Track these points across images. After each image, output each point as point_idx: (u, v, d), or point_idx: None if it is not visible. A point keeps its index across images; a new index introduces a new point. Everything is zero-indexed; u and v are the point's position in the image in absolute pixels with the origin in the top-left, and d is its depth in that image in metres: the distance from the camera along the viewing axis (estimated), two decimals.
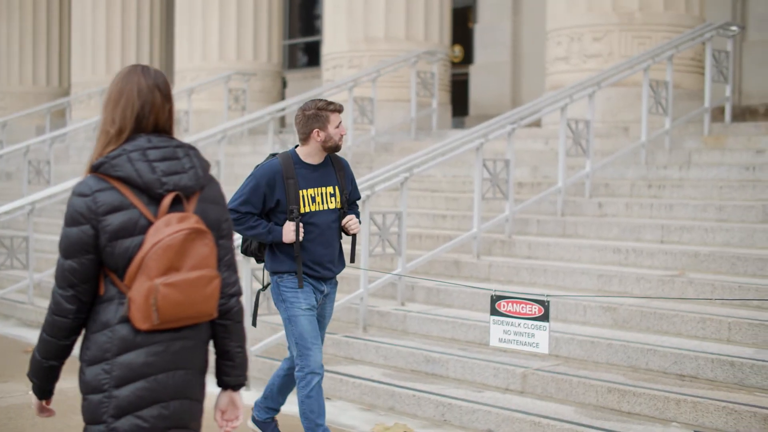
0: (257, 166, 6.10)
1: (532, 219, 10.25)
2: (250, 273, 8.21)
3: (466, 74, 19.62)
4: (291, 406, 6.88)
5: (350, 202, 6.24)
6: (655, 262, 8.80)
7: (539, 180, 11.32)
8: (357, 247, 6.56)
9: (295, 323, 6.01)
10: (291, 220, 5.93)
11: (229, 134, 13.87)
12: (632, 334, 7.70)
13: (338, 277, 6.30)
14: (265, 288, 6.41)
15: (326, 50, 16.56)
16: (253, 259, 8.31)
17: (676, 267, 8.63)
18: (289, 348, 6.18)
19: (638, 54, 11.40)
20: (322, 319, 6.25)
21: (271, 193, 5.93)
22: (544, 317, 5.98)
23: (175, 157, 3.35)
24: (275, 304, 6.15)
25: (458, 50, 20.72)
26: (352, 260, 6.35)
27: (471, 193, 10.46)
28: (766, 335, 7.16)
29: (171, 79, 22.80)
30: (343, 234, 6.19)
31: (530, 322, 6.07)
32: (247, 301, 8.22)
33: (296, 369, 6.05)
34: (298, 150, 6.08)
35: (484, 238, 9.91)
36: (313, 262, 6.03)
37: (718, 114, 12.41)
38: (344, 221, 6.10)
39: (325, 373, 8.13)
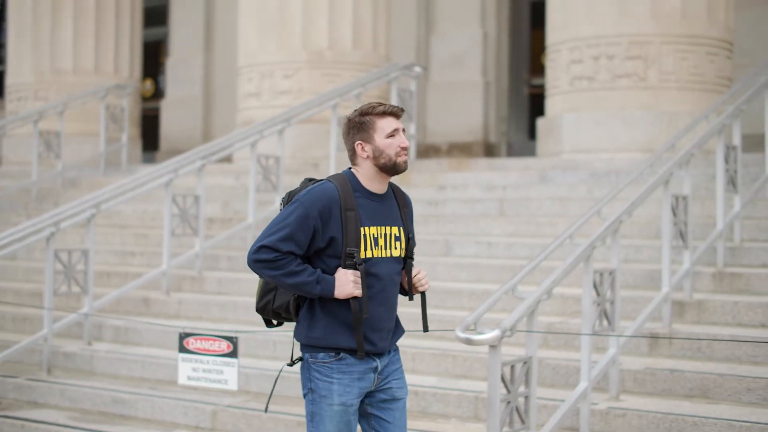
0: (290, 192, 4.45)
1: (223, 255, 10.22)
2: None
3: (158, 109, 19.41)
4: None
5: (410, 253, 4.48)
6: None
7: (230, 216, 11.31)
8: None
9: (318, 423, 4.31)
10: (348, 267, 4.25)
11: None
12: None
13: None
14: (293, 363, 4.54)
15: (10, 81, 15.98)
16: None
17: None
18: None
19: (327, 91, 11.63)
20: (395, 402, 4.44)
21: (324, 228, 4.23)
22: (233, 353, 5.97)
23: None
24: (302, 385, 4.42)
25: (149, 84, 20.49)
26: (426, 328, 4.54)
27: (161, 229, 10.29)
28: (447, 364, 7.44)
29: None
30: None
31: (219, 359, 6.05)
32: None
33: None
34: (356, 172, 4.41)
35: (175, 274, 9.78)
36: (370, 330, 4.30)
37: None
38: (414, 275, 4.42)
39: (5, 420, 7.75)
